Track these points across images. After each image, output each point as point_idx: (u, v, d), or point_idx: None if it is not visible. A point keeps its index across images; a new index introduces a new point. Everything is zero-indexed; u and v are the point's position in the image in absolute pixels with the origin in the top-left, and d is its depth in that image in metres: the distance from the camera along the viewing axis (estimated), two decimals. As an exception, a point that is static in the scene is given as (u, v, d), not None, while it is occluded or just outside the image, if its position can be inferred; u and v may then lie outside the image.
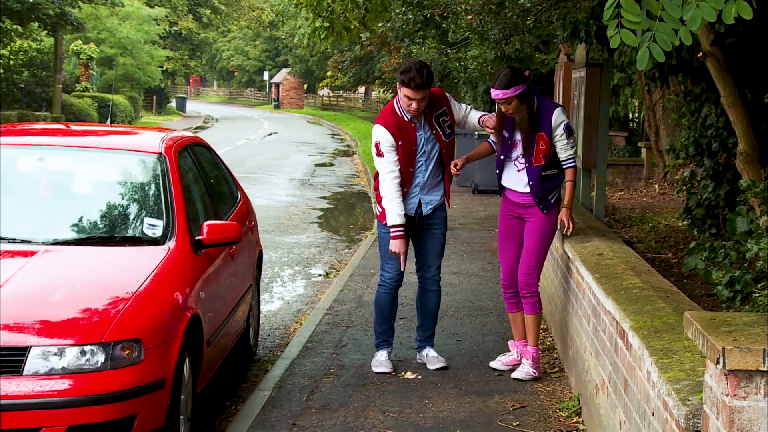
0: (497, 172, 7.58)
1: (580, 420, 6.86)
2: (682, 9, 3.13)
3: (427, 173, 7.61)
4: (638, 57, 3.23)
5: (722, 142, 7.92)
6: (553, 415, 7.09)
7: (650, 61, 3.24)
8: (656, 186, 18.85)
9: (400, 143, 7.30)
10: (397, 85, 7.31)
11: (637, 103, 21.25)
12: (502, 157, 7.51)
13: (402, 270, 7.79)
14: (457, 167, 7.68)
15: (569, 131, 7.27)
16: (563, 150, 7.27)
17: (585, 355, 6.81)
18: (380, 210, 7.67)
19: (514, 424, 6.82)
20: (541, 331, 9.08)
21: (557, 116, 7.23)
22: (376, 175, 7.75)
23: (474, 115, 8.03)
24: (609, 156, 20.30)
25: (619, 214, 15.95)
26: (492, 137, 7.77)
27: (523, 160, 7.36)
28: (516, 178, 7.42)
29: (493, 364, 7.92)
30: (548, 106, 7.30)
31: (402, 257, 7.29)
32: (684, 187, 8.93)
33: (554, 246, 8.67)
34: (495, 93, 7.16)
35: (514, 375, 7.67)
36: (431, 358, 7.92)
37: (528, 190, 7.39)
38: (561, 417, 7.04)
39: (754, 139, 6.55)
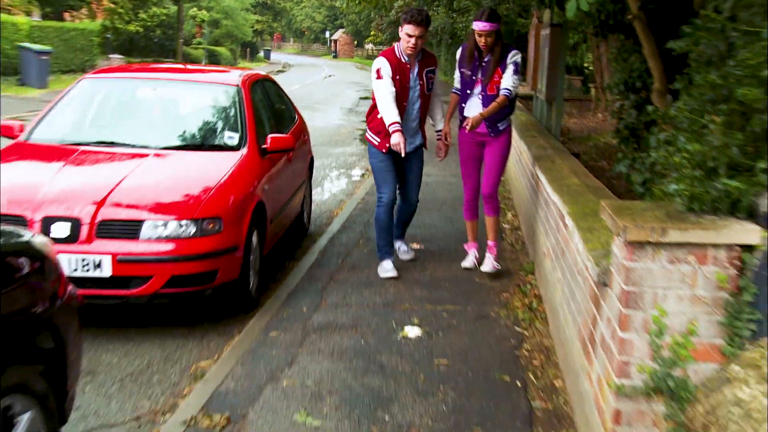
0: (462, 105, 6.80)
1: (534, 277, 6.90)
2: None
3: (411, 116, 6.77)
4: (568, 6, 3.13)
5: (643, 82, 7.85)
6: (516, 274, 7.12)
7: (578, 12, 3.14)
8: (599, 115, 18.86)
9: (397, 77, 6.51)
10: (400, 28, 6.58)
11: (590, 56, 21.02)
12: (467, 92, 6.73)
13: (395, 191, 6.99)
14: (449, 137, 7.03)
15: (516, 68, 6.53)
16: (505, 80, 6.48)
17: (539, 233, 6.82)
18: (377, 141, 6.80)
19: (488, 279, 6.86)
20: (511, 219, 9.06)
21: (512, 55, 6.50)
22: (369, 111, 6.97)
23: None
24: (569, 93, 20.15)
25: (572, 135, 15.89)
26: (455, 88, 6.95)
27: (478, 89, 6.63)
28: (476, 108, 6.59)
29: (465, 264, 7.15)
30: (509, 48, 6.58)
31: (402, 147, 6.33)
32: (616, 115, 8.85)
33: (523, 158, 8.61)
34: (482, 25, 6.36)
35: (483, 269, 6.99)
36: (402, 251, 7.38)
37: (485, 125, 6.66)
38: (521, 275, 7.08)
39: (664, 80, 6.50)
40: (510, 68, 6.50)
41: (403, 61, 6.55)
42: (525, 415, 4.43)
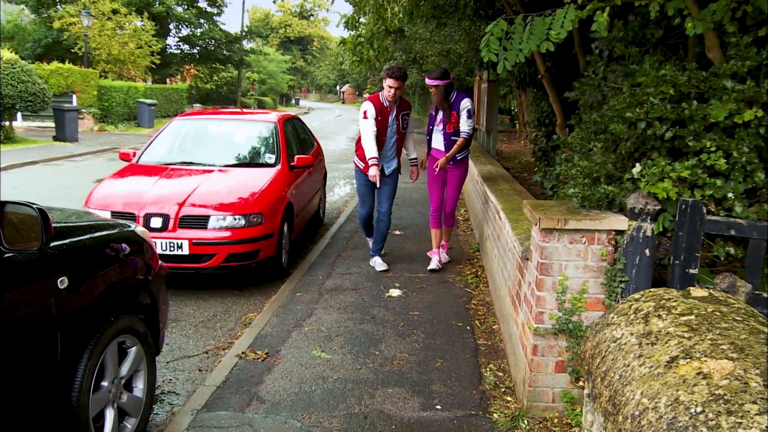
0: (428, 138, 6.19)
1: (479, 253, 6.87)
2: (520, 44, 3.03)
3: (388, 147, 6.12)
4: (498, 67, 3.13)
5: (550, 119, 7.86)
6: (465, 251, 7.09)
7: (504, 70, 3.13)
8: (522, 142, 18.80)
9: (378, 118, 5.91)
10: (384, 80, 5.95)
11: (515, 101, 20.93)
12: (431, 128, 6.14)
13: (371, 208, 6.36)
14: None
15: (470, 114, 5.91)
16: (462, 124, 5.90)
17: (483, 222, 6.80)
18: (362, 165, 6.12)
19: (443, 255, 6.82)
20: (464, 213, 9.01)
21: (464, 103, 5.88)
22: (357, 141, 6.19)
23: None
24: (501, 127, 20.04)
25: (504, 155, 15.79)
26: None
27: (441, 128, 6.02)
28: (439, 141, 6.05)
29: (432, 266, 6.28)
30: (462, 97, 5.95)
31: (377, 179, 5.81)
32: (533, 142, 8.85)
33: (472, 171, 8.61)
34: (430, 81, 5.85)
35: (431, 267, 6.28)
36: (378, 263, 6.35)
37: (444, 149, 6.03)
38: (469, 252, 7.04)
39: (563, 118, 6.50)
40: (464, 114, 5.90)
41: (385, 105, 5.98)
42: (472, 349, 4.43)
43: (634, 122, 3.16)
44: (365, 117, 5.95)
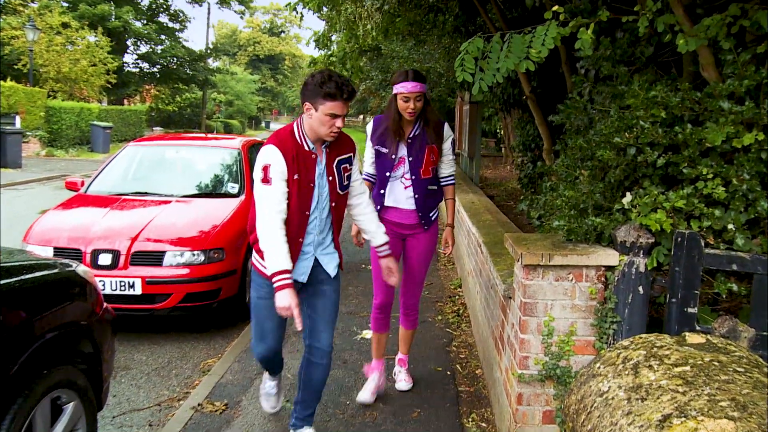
0: (381, 192, 4.02)
1: (461, 290, 6.82)
2: (497, 64, 3.00)
3: (319, 227, 3.35)
4: (473, 88, 3.09)
5: (536, 143, 7.89)
6: (446, 287, 7.03)
7: (480, 91, 3.10)
8: (508, 167, 18.96)
9: (295, 177, 3.18)
10: (307, 107, 3.17)
11: (500, 124, 21.15)
12: (386, 174, 3.98)
13: (273, 350, 3.60)
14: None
15: (453, 148, 4.13)
16: (448, 165, 4.08)
17: (464, 257, 6.76)
18: (264, 267, 3.29)
19: (426, 292, 6.71)
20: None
21: (447, 131, 4.02)
22: (252, 219, 3.34)
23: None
24: (485, 151, 20.23)
25: (488, 182, 15.87)
26: (367, 173, 4.06)
27: (409, 175, 3.96)
28: (403, 195, 4.00)
29: (361, 398, 4.20)
30: (441, 121, 4.04)
31: (296, 312, 3.03)
32: (519, 167, 8.89)
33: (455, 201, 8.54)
34: (411, 86, 3.78)
35: (399, 387, 4.41)
36: None
37: (413, 206, 4.01)
38: (450, 289, 6.98)
39: (550, 142, 6.51)
40: (449, 147, 4.07)
41: (307, 149, 3.22)
42: (453, 397, 4.33)
43: (624, 148, 3.13)
44: (266, 179, 3.16)
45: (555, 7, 3.06)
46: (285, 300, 3.03)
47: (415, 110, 3.88)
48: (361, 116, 57.49)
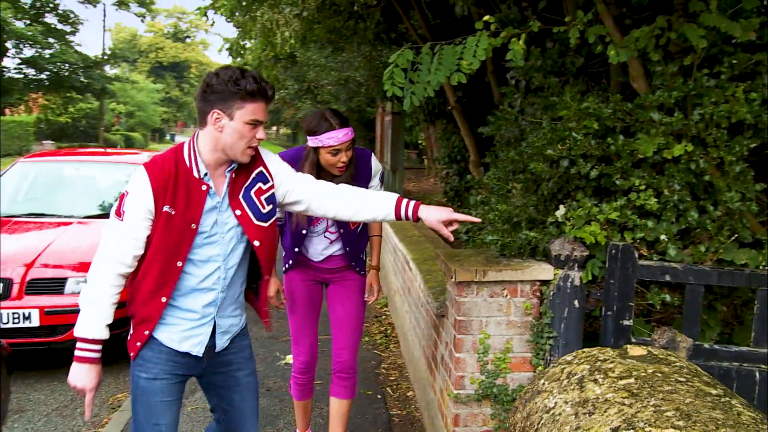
0: (295, 249, 3.43)
1: (387, 309, 6.80)
2: (428, 76, 3.01)
3: (227, 280, 2.44)
4: (404, 102, 3.09)
5: (462, 155, 8.00)
6: (372, 307, 7.00)
7: (411, 105, 3.10)
8: (432, 179, 19.18)
9: (165, 209, 2.28)
10: (215, 116, 2.29)
11: (422, 135, 21.42)
12: (303, 231, 3.37)
13: None
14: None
15: (383, 179, 3.53)
16: None
17: (390, 274, 6.75)
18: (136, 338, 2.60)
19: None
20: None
21: (374, 164, 3.41)
22: (132, 278, 2.47)
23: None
24: (408, 163, 20.44)
25: (412, 195, 15.99)
26: (279, 218, 3.28)
27: (335, 229, 3.40)
28: (329, 250, 3.45)
29: None
30: (366, 153, 3.43)
31: (89, 396, 2.43)
32: (444, 180, 9.00)
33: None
34: (343, 134, 3.16)
35: None
36: None
37: (342, 257, 3.49)
38: (377, 308, 6.96)
39: (477, 154, 6.61)
40: (377, 183, 3.44)
41: (197, 176, 2.35)
42: (385, 422, 4.29)
43: (556, 160, 3.20)
44: (118, 212, 2.42)
45: (486, 17, 3.10)
46: (81, 378, 2.40)
47: (347, 162, 3.25)
48: (275, 128, 57.16)
